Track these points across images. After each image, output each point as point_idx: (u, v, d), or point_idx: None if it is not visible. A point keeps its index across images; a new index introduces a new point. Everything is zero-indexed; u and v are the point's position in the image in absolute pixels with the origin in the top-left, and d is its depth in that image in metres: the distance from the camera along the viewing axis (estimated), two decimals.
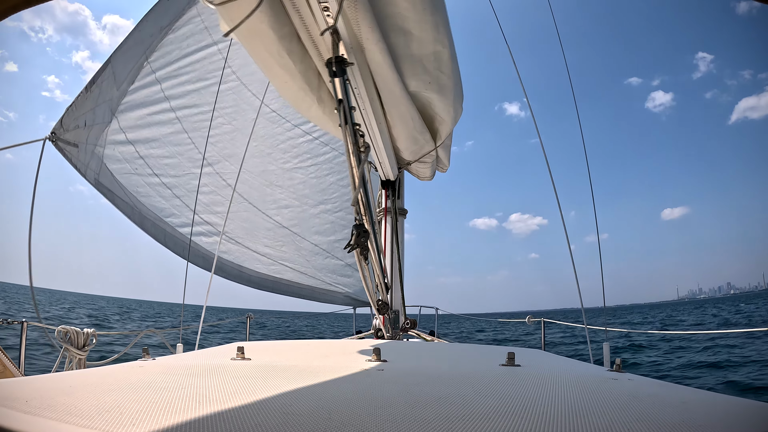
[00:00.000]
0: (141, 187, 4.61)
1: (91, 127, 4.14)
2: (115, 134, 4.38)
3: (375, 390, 1.02)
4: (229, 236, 5.08)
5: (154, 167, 4.64)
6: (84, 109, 4.05)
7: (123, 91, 4.28)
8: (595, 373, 1.42)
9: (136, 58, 4.25)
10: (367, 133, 2.52)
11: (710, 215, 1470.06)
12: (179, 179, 4.77)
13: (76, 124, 4.00)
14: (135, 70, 4.28)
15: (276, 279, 5.39)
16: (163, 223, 4.74)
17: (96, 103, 4.12)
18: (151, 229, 4.70)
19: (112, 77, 4.15)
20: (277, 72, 2.01)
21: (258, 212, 5.21)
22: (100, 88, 4.10)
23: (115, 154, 4.41)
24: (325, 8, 1.64)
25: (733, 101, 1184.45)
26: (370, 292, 2.76)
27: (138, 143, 4.52)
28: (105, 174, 4.38)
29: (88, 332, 2.87)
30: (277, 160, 5.24)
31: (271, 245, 5.31)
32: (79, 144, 4.09)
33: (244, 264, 5.22)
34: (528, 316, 5.37)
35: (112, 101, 4.24)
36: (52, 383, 1.02)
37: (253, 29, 1.74)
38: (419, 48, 2.06)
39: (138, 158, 4.54)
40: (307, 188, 5.40)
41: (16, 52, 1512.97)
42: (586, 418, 0.79)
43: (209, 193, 4.90)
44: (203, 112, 4.69)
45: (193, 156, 4.77)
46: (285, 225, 5.34)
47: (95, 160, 4.29)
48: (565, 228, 3.06)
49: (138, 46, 4.23)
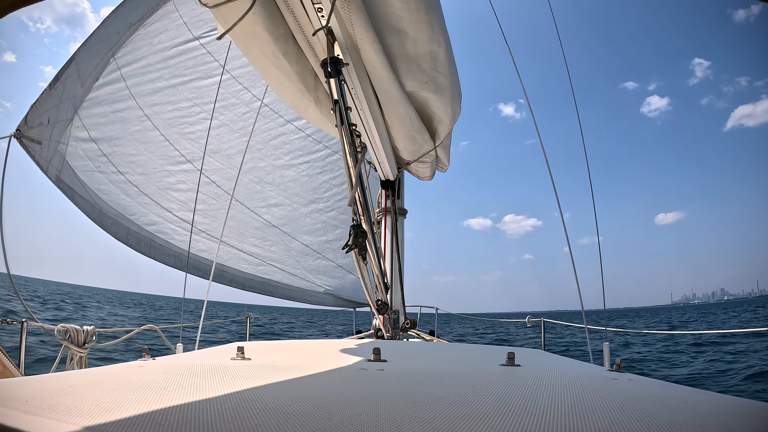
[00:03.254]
0: (103, 184, 4.50)
1: (54, 125, 4.05)
2: (78, 131, 4.29)
3: (375, 390, 1.02)
4: (210, 234, 4.93)
5: (119, 165, 4.54)
6: (48, 106, 3.96)
7: (87, 88, 4.21)
8: (595, 373, 1.42)
9: (101, 55, 4.17)
10: (365, 133, 2.53)
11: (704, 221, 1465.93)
12: (148, 177, 4.65)
13: (39, 122, 3.93)
14: (100, 66, 4.20)
15: (263, 280, 5.26)
16: (127, 221, 4.62)
17: (60, 100, 4.04)
18: (111, 227, 4.57)
19: (77, 74, 4.07)
20: (273, 73, 2.01)
21: (246, 210, 5.09)
22: (64, 85, 4.02)
23: (77, 152, 4.33)
24: (318, 9, 1.64)
25: (729, 108, 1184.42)
26: (369, 292, 2.76)
27: (101, 141, 4.42)
28: (66, 171, 4.29)
29: (88, 330, 2.83)
30: (268, 156, 5.13)
31: (260, 245, 5.19)
32: (43, 141, 4.00)
33: (227, 263, 5.07)
34: (528, 317, 5.36)
35: (75, 98, 4.17)
36: (52, 383, 1.02)
37: (248, 31, 1.74)
38: (414, 48, 2.06)
39: (101, 156, 4.44)
40: (298, 186, 5.29)
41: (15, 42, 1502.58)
42: (586, 418, 0.79)
43: (186, 191, 4.76)
44: (180, 108, 4.58)
45: (166, 153, 4.64)
46: (275, 224, 5.22)
47: (57, 157, 4.20)
48: (565, 229, 3.06)
49: (103, 42, 4.14)
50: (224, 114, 4.83)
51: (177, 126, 4.64)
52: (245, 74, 4.78)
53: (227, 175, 4.91)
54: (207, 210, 4.87)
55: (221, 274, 5.05)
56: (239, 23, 1.46)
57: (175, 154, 4.66)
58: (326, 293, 5.60)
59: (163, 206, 4.71)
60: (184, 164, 4.72)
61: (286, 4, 1.74)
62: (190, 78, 4.55)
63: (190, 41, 4.46)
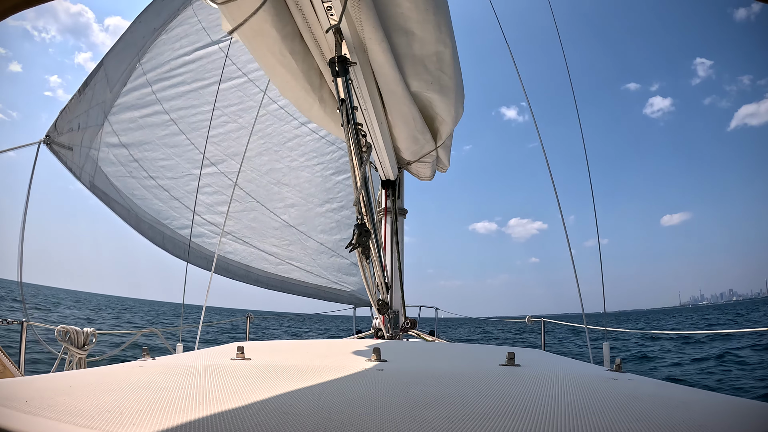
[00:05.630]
0: (137, 189, 4.57)
1: (84, 130, 4.11)
2: (108, 137, 4.34)
3: (375, 390, 1.02)
4: (235, 236, 5.04)
5: (150, 170, 4.60)
6: (77, 111, 4.02)
7: (116, 93, 4.26)
8: (595, 373, 1.42)
9: (128, 60, 4.23)
10: (369, 133, 2.52)
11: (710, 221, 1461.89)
12: (177, 181, 4.73)
13: (69, 127, 3.99)
14: (127, 72, 4.26)
15: (284, 278, 5.38)
16: (162, 226, 4.70)
17: (89, 106, 4.10)
18: (148, 231, 4.66)
19: (105, 79, 4.13)
20: (279, 71, 2.01)
21: (266, 211, 5.20)
22: (93, 90, 4.08)
23: (109, 157, 4.38)
24: (328, 7, 1.64)
25: (732, 107, 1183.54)
26: (370, 292, 2.76)
27: (132, 146, 4.48)
28: (100, 177, 4.35)
29: (87, 331, 2.85)
30: (284, 158, 5.22)
31: (279, 244, 5.29)
32: (74, 147, 4.07)
33: (251, 264, 5.20)
34: (528, 316, 5.36)
35: (105, 103, 4.22)
36: (52, 383, 1.02)
37: (256, 29, 1.74)
38: (421, 48, 2.06)
39: (132, 161, 4.50)
40: (313, 187, 5.39)
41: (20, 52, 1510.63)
42: (586, 418, 0.79)
43: (213, 194, 4.86)
44: (202, 111, 4.64)
45: (192, 157, 4.72)
46: (292, 224, 5.33)
47: (90, 163, 4.26)
48: (566, 231, 3.06)
49: (130, 48, 4.20)
50: (242, 117, 4.88)
51: (200, 129, 4.69)
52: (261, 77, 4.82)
53: (248, 177, 4.99)
54: (231, 212, 4.94)
55: (246, 274, 5.17)
56: (247, 21, 1.45)
57: (199, 157, 4.72)
58: (342, 290, 5.69)
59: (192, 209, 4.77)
60: (209, 167, 4.79)
61: (296, 2, 1.73)
62: (210, 82, 4.60)
63: (209, 45, 4.51)
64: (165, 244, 4.75)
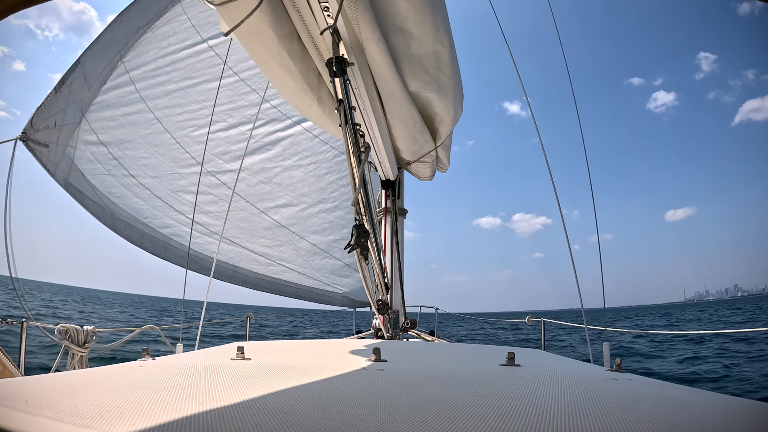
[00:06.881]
0: (115, 188, 4.52)
1: (61, 128, 4.07)
2: (86, 135, 4.30)
3: (375, 390, 1.02)
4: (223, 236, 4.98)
5: (131, 168, 4.56)
6: (54, 109, 3.98)
7: (94, 92, 4.22)
8: (595, 373, 1.42)
9: (108, 58, 4.19)
10: (367, 133, 2.52)
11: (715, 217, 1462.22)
12: (160, 180, 4.68)
13: (45, 125, 3.95)
14: (107, 70, 4.22)
15: (274, 279, 5.33)
16: (141, 224, 4.65)
17: (66, 104, 4.06)
18: (124, 230, 4.60)
19: (83, 77, 4.09)
20: (276, 72, 2.01)
21: (256, 211, 5.15)
22: (70, 88, 4.04)
23: (86, 155, 4.33)
24: (325, 8, 1.64)
25: (736, 102, 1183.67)
26: (370, 292, 2.76)
27: (111, 144, 4.44)
28: (75, 175, 4.31)
29: (88, 329, 2.84)
30: (276, 157, 5.18)
31: (269, 245, 5.24)
32: (50, 144, 4.02)
33: (239, 264, 5.14)
34: (528, 316, 5.36)
35: (83, 102, 4.18)
36: (52, 383, 1.02)
37: (254, 29, 1.74)
38: (419, 48, 2.06)
39: (111, 159, 4.45)
40: (305, 187, 5.34)
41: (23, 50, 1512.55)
42: (586, 418, 0.79)
43: (200, 193, 4.80)
44: (189, 111, 4.59)
45: (177, 156, 4.67)
46: (283, 224, 5.27)
47: (66, 161, 4.22)
48: (564, 227, 3.06)
49: (110, 46, 4.16)
50: (232, 116, 4.85)
51: (187, 128, 4.66)
52: (253, 76, 4.79)
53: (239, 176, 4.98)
54: (219, 212, 4.89)
55: (234, 275, 5.11)
56: (244, 22, 1.45)
57: (185, 156, 4.68)
58: (334, 291, 5.65)
59: (176, 209, 4.73)
60: (195, 167, 4.73)
61: (293, 3, 1.74)
62: (199, 80, 4.56)
63: (199, 44, 4.47)
64: (143, 243, 4.69)
